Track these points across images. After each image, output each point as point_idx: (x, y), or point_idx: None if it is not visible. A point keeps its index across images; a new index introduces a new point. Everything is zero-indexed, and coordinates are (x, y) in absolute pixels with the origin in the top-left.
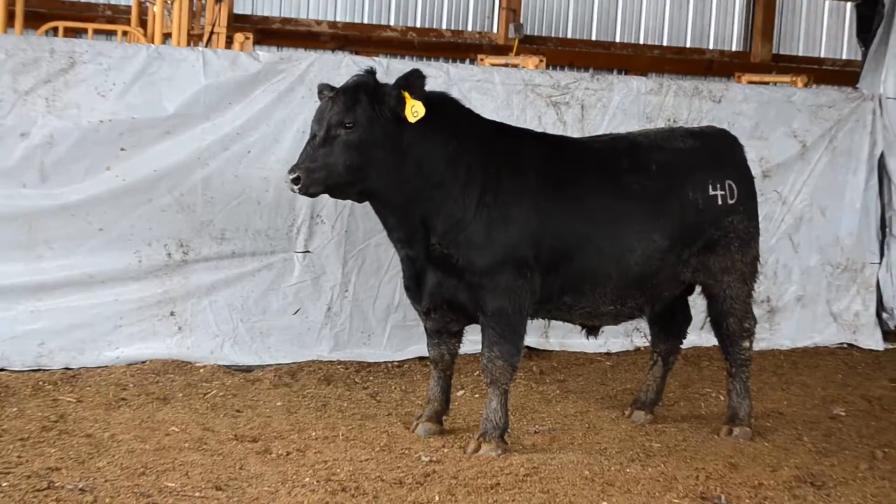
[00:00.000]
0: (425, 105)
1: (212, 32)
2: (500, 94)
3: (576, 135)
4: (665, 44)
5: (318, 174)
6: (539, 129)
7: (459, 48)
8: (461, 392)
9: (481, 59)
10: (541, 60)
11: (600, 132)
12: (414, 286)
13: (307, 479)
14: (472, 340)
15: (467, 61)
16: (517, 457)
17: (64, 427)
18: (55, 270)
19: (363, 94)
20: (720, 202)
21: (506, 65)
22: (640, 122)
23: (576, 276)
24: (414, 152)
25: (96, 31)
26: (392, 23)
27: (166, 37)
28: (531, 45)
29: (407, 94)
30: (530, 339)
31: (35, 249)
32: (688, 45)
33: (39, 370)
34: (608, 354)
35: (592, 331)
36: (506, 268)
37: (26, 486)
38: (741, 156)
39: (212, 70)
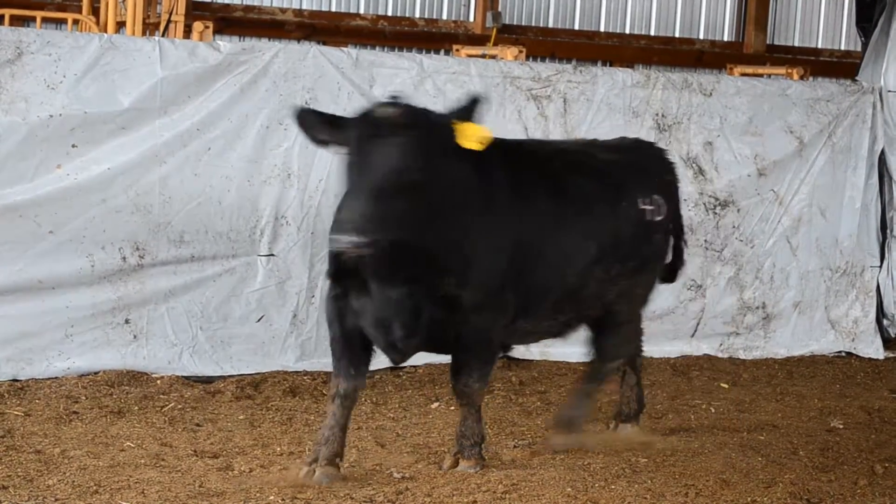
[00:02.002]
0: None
1: (169, 21)
2: (477, 87)
3: (558, 131)
4: (652, 34)
5: (385, 235)
6: (520, 125)
7: (433, 38)
8: (436, 404)
9: (457, 50)
10: (520, 51)
11: (584, 127)
12: (387, 324)
13: (271, 498)
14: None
15: (442, 52)
16: (495, 473)
17: (11, 442)
18: (1, 276)
19: (423, 132)
20: (649, 217)
21: (483, 56)
22: (625, 116)
23: (528, 292)
24: (453, 190)
25: (45, 20)
26: (361, 11)
27: (120, 26)
28: (510, 34)
29: (461, 125)
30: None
31: None
32: (677, 35)
33: None
34: None
35: (505, 349)
36: (495, 298)
37: None
38: (670, 169)
39: (169, 61)
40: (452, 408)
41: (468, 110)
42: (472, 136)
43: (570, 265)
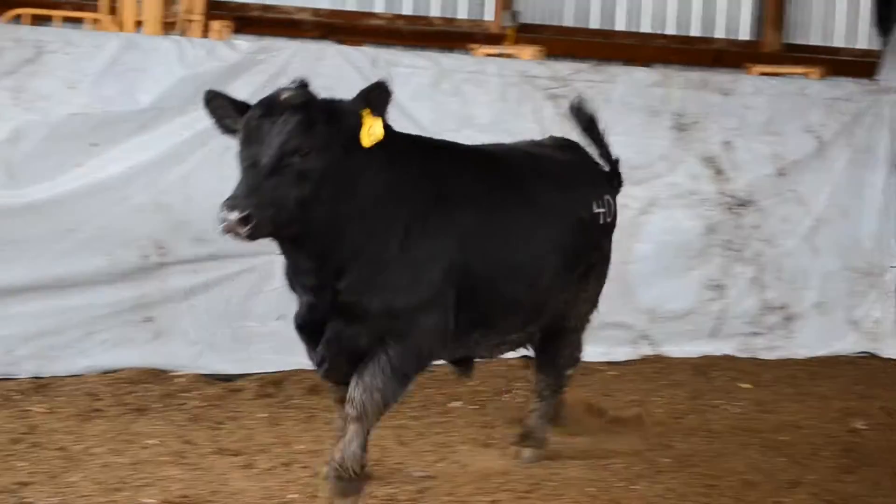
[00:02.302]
0: None
1: (187, 20)
2: (494, 86)
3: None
4: (670, 33)
5: (268, 212)
6: (537, 124)
7: (451, 37)
8: (456, 403)
9: (474, 49)
10: (538, 50)
11: (601, 126)
12: (308, 337)
13: (292, 496)
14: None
15: (460, 51)
16: (517, 472)
17: (35, 440)
18: (23, 274)
19: (318, 114)
20: (601, 221)
21: (501, 55)
22: (644, 115)
23: (490, 306)
24: (355, 184)
25: (64, 19)
26: (379, 10)
27: (139, 25)
28: (528, 33)
29: (368, 112)
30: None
31: (1, 251)
32: (695, 35)
33: (7, 379)
34: (612, 364)
35: (465, 365)
36: (428, 309)
37: None
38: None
39: (188, 60)
40: (473, 407)
41: (369, 95)
42: (366, 130)
43: (533, 273)
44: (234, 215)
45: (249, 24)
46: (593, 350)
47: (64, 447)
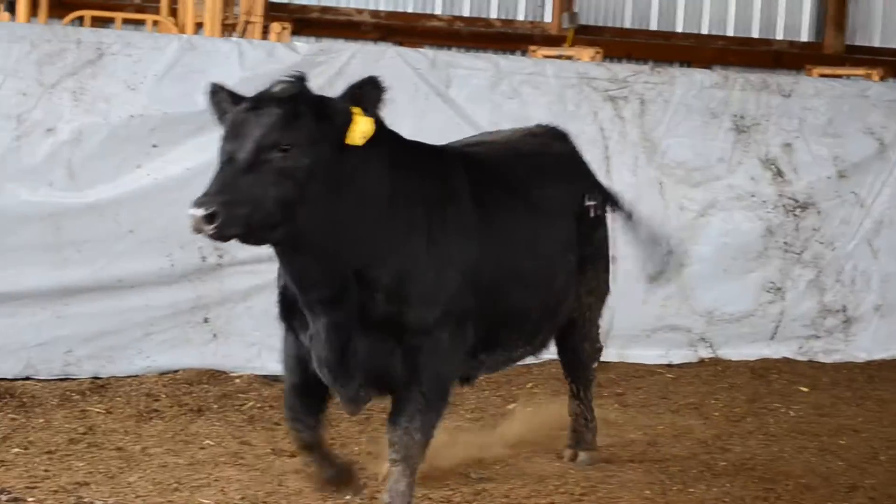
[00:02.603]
0: None
1: (247, 22)
2: (553, 87)
3: (635, 132)
4: (730, 34)
5: (240, 210)
6: (595, 126)
7: (510, 39)
8: (513, 405)
9: (533, 51)
10: (597, 52)
11: (661, 128)
12: (337, 362)
13: (349, 497)
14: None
15: (518, 53)
16: (573, 474)
17: (93, 440)
18: (83, 274)
19: (305, 108)
20: (592, 214)
21: (559, 56)
22: (703, 117)
23: (499, 320)
24: (352, 185)
25: (125, 21)
26: (438, 12)
27: (199, 26)
28: (586, 35)
29: (358, 111)
30: None
31: (62, 252)
32: (755, 36)
33: (66, 379)
34: (670, 366)
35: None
36: (451, 323)
37: (53, 501)
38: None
39: (248, 62)
40: (530, 409)
41: (359, 91)
42: (356, 131)
43: (545, 281)
44: (200, 212)
45: (309, 25)
46: (651, 353)
47: (122, 447)
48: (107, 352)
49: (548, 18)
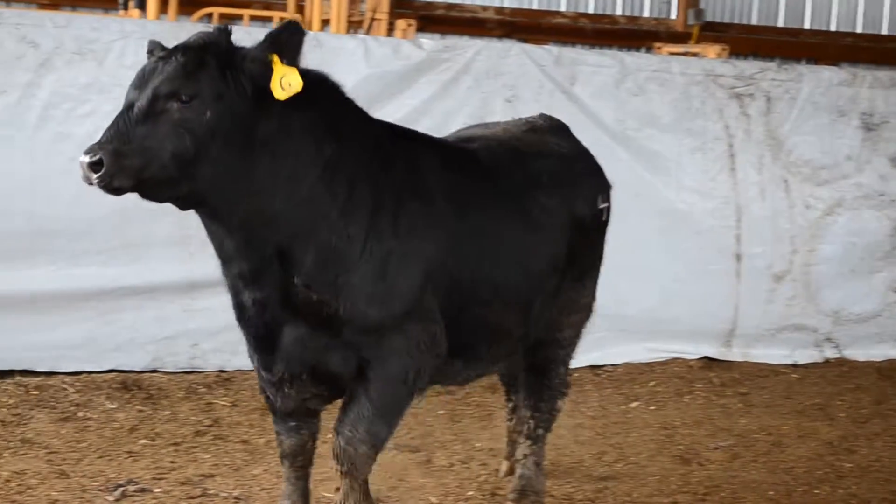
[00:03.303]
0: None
1: (373, 19)
2: (678, 85)
3: (761, 130)
4: (859, 31)
5: (130, 161)
6: (721, 123)
7: (635, 36)
8: (635, 403)
9: (658, 48)
10: (723, 49)
11: (787, 126)
12: (261, 345)
13: (471, 493)
14: (647, 348)
15: (643, 50)
16: (696, 474)
17: (218, 432)
18: (210, 268)
19: (211, 57)
20: (604, 218)
21: (685, 53)
22: (831, 115)
23: (473, 331)
24: (272, 149)
25: (252, 18)
26: (563, 8)
27: (325, 23)
28: (712, 32)
29: (276, 59)
30: (710, 350)
31: (188, 247)
32: (884, 33)
33: (193, 372)
34: (795, 366)
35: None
36: (406, 323)
37: (180, 493)
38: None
39: (373, 59)
40: (652, 407)
41: (276, 38)
42: (276, 80)
43: (538, 295)
44: (85, 159)
45: (434, 22)
46: (776, 352)
47: (247, 440)
48: (232, 346)
49: (673, 15)
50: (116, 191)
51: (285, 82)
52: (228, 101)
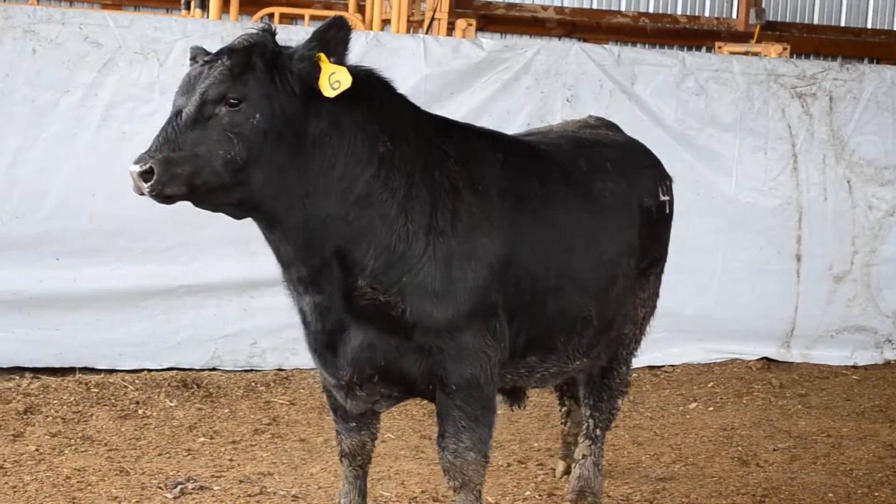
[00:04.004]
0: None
1: (433, 18)
2: (739, 84)
3: (823, 129)
4: None
5: (181, 169)
6: (783, 123)
7: (696, 35)
8: (694, 404)
9: (719, 47)
10: (784, 48)
11: (851, 126)
12: (325, 349)
13: (528, 493)
14: (705, 349)
15: (704, 49)
16: (755, 475)
17: (276, 430)
18: (269, 267)
19: (257, 59)
20: (667, 210)
21: (746, 53)
22: (894, 115)
23: (548, 323)
24: (324, 149)
25: (313, 18)
26: (623, 8)
27: (385, 23)
28: (774, 31)
29: (324, 57)
30: (769, 350)
31: (248, 245)
32: None
33: (251, 370)
34: (855, 368)
35: (515, 395)
36: (474, 321)
37: (238, 491)
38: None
39: (433, 58)
40: (711, 409)
41: (323, 35)
42: (325, 78)
43: (611, 287)
44: (136, 168)
45: (493, 21)
46: (836, 353)
47: (304, 439)
48: (291, 344)
49: (734, 14)
50: (168, 199)
51: (334, 80)
52: (277, 102)
